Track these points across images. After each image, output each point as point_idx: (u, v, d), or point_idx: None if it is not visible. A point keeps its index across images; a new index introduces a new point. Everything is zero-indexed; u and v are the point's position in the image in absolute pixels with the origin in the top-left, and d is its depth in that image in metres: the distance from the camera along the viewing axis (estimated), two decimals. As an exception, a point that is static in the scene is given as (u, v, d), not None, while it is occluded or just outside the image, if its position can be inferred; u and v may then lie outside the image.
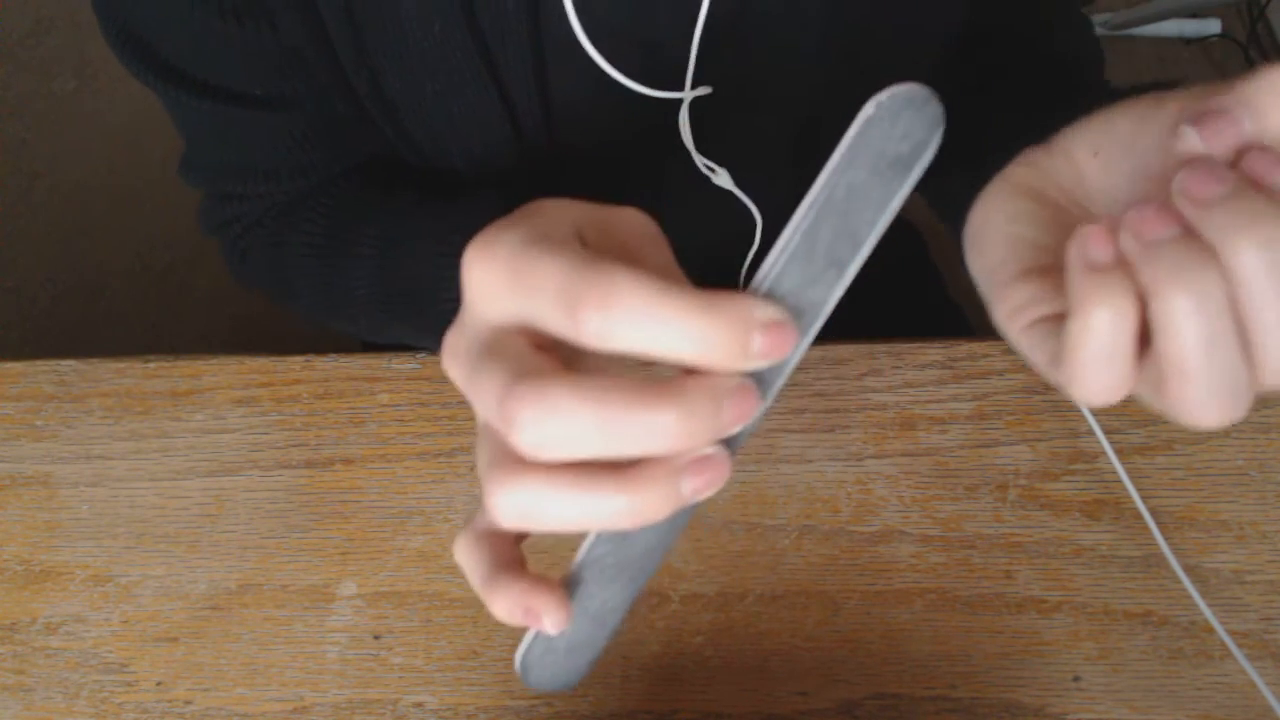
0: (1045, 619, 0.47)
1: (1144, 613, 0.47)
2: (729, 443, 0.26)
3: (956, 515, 0.49)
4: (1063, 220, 0.33)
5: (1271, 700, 0.45)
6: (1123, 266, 0.27)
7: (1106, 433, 0.50)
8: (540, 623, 0.28)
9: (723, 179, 0.51)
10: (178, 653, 0.48)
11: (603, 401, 0.24)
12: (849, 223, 0.25)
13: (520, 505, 0.26)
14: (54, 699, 0.47)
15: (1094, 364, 0.28)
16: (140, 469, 0.52)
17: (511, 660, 0.47)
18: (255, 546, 0.50)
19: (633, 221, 0.29)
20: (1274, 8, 1.56)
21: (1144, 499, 0.49)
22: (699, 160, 0.50)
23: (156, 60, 0.48)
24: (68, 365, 0.54)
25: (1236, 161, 0.27)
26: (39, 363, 0.55)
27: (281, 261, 0.55)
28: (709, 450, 0.25)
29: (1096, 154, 0.33)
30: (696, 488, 0.25)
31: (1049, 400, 0.52)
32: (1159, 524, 0.48)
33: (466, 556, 0.29)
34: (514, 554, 0.29)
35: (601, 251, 0.26)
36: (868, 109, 0.25)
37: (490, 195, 0.48)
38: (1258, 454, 0.50)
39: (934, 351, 0.53)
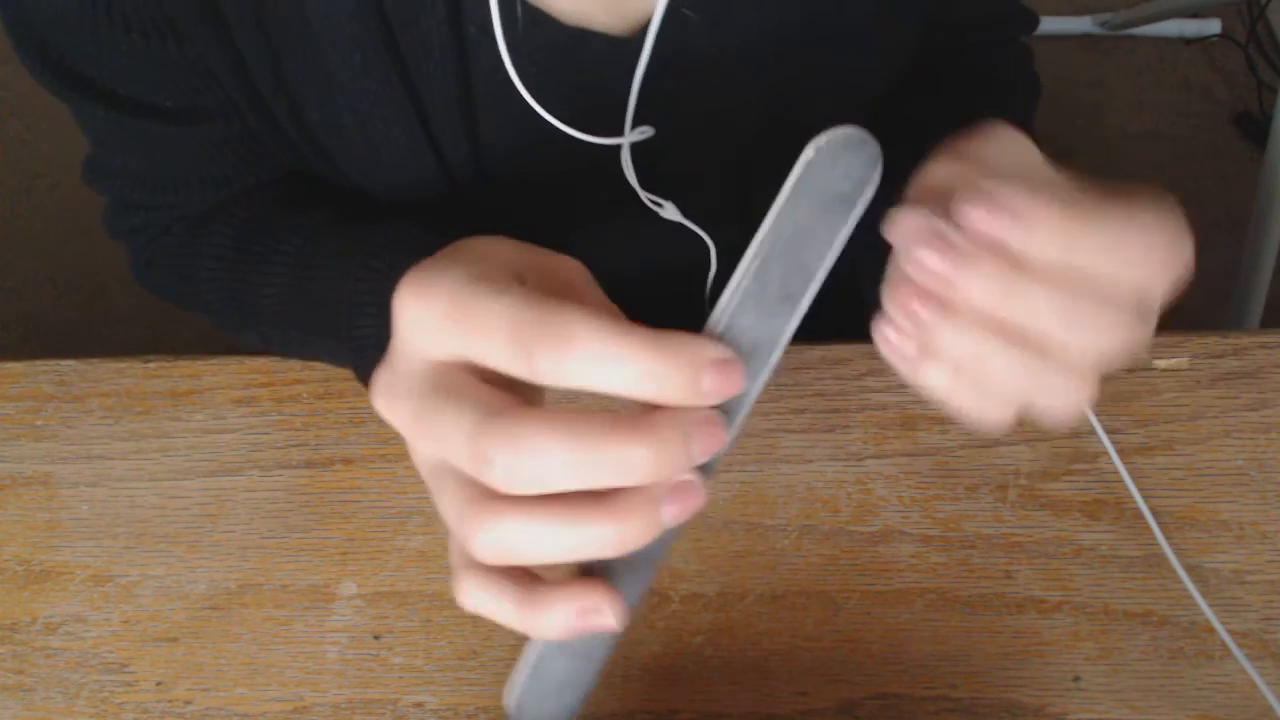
0: (1045, 619, 0.47)
1: (1144, 613, 0.47)
2: (702, 469, 0.26)
3: (956, 515, 0.49)
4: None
5: (1272, 700, 0.45)
6: (924, 341, 0.29)
7: (1107, 432, 0.50)
8: (604, 618, 0.27)
9: (670, 212, 0.51)
10: (178, 653, 0.48)
11: (576, 437, 0.24)
12: (799, 259, 0.27)
13: (501, 543, 0.26)
14: (54, 699, 0.47)
15: (961, 410, 0.30)
16: (140, 469, 0.52)
17: (511, 660, 0.47)
18: (255, 546, 0.50)
19: (569, 265, 0.30)
20: (1274, 8, 1.56)
21: (1144, 499, 0.49)
22: (645, 196, 0.50)
23: (61, 66, 0.46)
24: (68, 365, 0.54)
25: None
26: (39, 363, 0.54)
27: (189, 273, 0.53)
28: (684, 477, 0.26)
29: None
30: (675, 514, 0.26)
31: (1049, 400, 0.52)
32: (1159, 524, 0.48)
33: (484, 596, 0.28)
34: (523, 571, 0.29)
35: (544, 292, 0.27)
36: (807, 152, 0.26)
37: (413, 226, 0.45)
38: (1258, 454, 0.50)
39: (934, 351, 0.53)
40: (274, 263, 0.48)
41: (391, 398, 0.28)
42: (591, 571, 0.28)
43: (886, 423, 0.51)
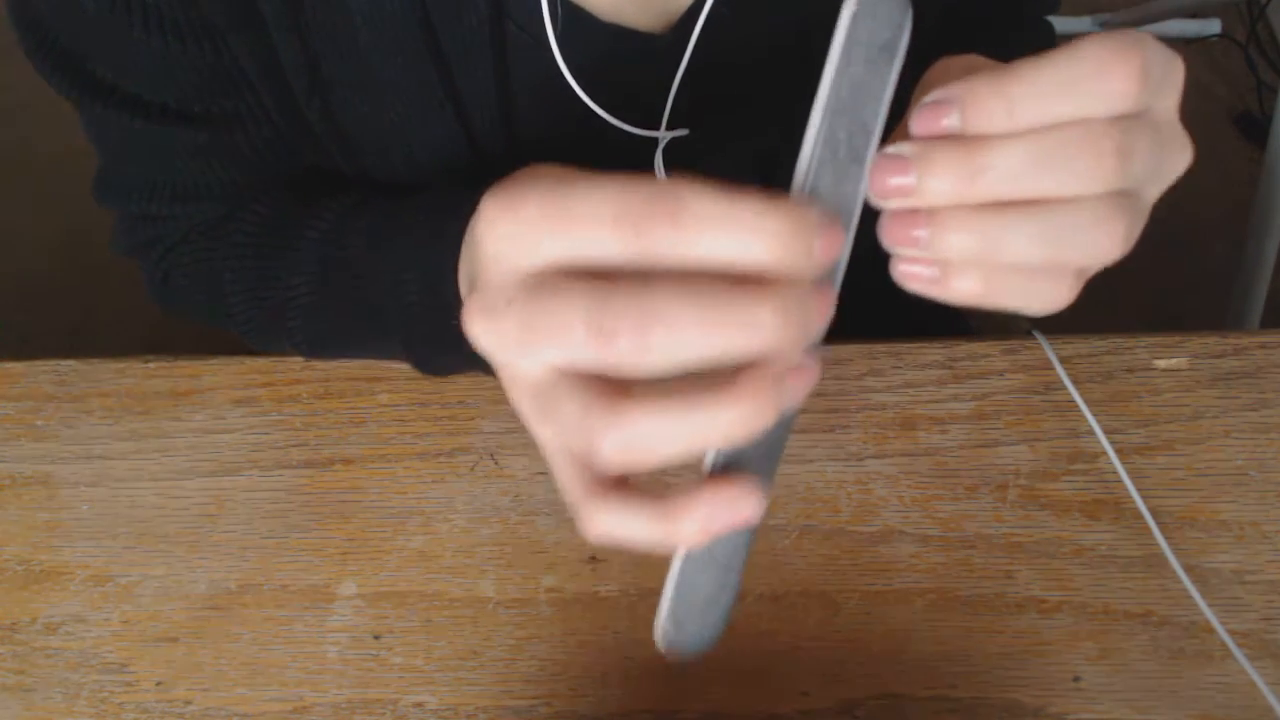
0: (1045, 619, 0.47)
1: (1144, 613, 0.47)
2: (810, 349, 0.26)
3: (956, 515, 0.49)
4: None
5: (1272, 700, 0.45)
6: (937, 258, 0.29)
7: (1106, 433, 0.50)
8: (746, 509, 0.26)
9: None
10: (178, 653, 0.48)
11: (705, 298, 0.24)
12: (859, 116, 0.27)
13: (633, 441, 0.25)
14: (54, 699, 0.47)
15: (1014, 303, 0.29)
16: (140, 469, 0.52)
17: (511, 660, 0.47)
18: (255, 546, 0.50)
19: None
20: (1274, 8, 1.56)
21: (1144, 499, 0.49)
22: None
23: (82, 73, 0.45)
24: (68, 365, 0.54)
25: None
26: (39, 363, 0.54)
27: (211, 278, 0.52)
28: (799, 358, 0.26)
29: None
30: (795, 390, 0.25)
31: (1049, 400, 0.52)
32: (1159, 524, 0.48)
33: (617, 518, 0.27)
34: (645, 487, 0.28)
35: None
36: (850, 6, 0.27)
37: (443, 192, 0.44)
38: (1258, 454, 0.50)
39: (934, 351, 0.53)
40: (302, 249, 0.48)
41: (491, 313, 0.26)
42: (718, 474, 0.28)
43: (886, 423, 0.51)
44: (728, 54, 0.46)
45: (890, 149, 0.28)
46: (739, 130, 0.51)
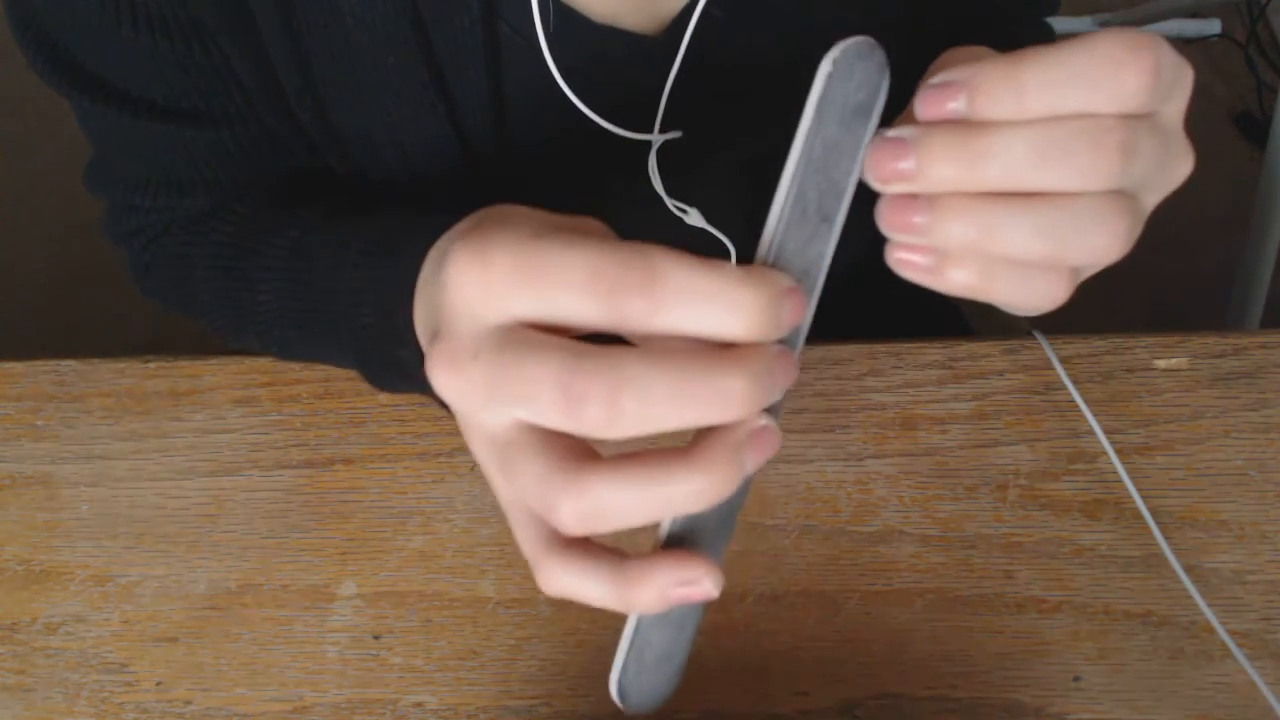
0: (1045, 619, 0.47)
1: (1144, 613, 0.47)
2: (770, 412, 0.26)
3: (956, 515, 0.49)
4: None
5: (1271, 700, 0.45)
6: (934, 247, 0.29)
7: (1106, 433, 0.50)
8: (703, 587, 0.27)
9: (695, 218, 0.51)
10: (178, 653, 0.48)
11: (677, 368, 0.24)
12: (830, 177, 0.27)
13: (592, 507, 0.25)
14: (54, 699, 0.47)
15: (1009, 297, 0.29)
16: (140, 469, 0.52)
17: (511, 660, 0.47)
18: (255, 546, 0.50)
19: (591, 223, 0.29)
20: (1274, 8, 1.56)
21: (1144, 499, 0.49)
22: (670, 204, 0.50)
23: (72, 67, 0.45)
24: (68, 365, 0.54)
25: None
26: (39, 363, 0.54)
27: (186, 274, 0.52)
28: (762, 421, 0.26)
29: None
30: (755, 458, 0.25)
31: (1049, 400, 0.52)
32: (1159, 524, 0.48)
33: (574, 578, 0.27)
34: (605, 548, 0.28)
35: None
36: (824, 67, 0.27)
37: (411, 214, 0.44)
38: (1258, 454, 0.50)
39: (934, 351, 0.53)
40: (271, 257, 0.48)
41: (456, 364, 0.26)
42: (674, 542, 0.28)
43: (886, 423, 0.51)
44: (721, 56, 0.46)
45: (891, 132, 0.27)
46: (732, 132, 0.51)
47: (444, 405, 0.29)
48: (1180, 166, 0.30)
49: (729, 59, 0.47)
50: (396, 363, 0.40)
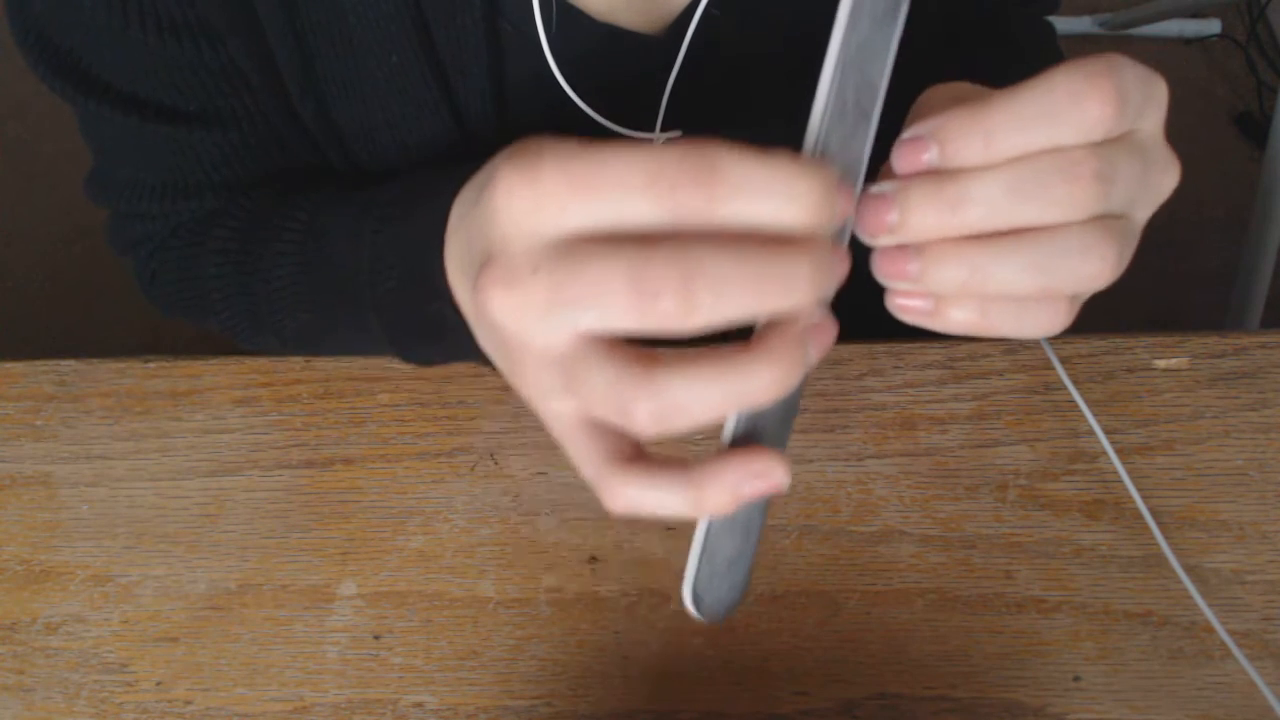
0: (1045, 619, 0.47)
1: (1144, 613, 0.47)
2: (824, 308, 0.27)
3: (956, 515, 0.49)
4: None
5: (1271, 700, 0.45)
6: (929, 291, 0.30)
7: (1106, 433, 0.50)
8: (774, 478, 0.27)
9: None
10: (178, 653, 0.48)
11: (749, 259, 0.24)
12: (865, 74, 0.28)
13: (668, 404, 0.25)
14: (54, 699, 0.47)
15: (1011, 329, 0.30)
16: (140, 469, 0.52)
17: (511, 660, 0.47)
18: (255, 546, 0.50)
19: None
20: (1274, 8, 1.56)
21: (1144, 499, 0.49)
22: None
23: (77, 71, 0.45)
24: (68, 365, 0.54)
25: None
26: (39, 363, 0.54)
27: (196, 274, 0.52)
28: (819, 315, 0.26)
29: None
30: (816, 348, 0.26)
31: (1049, 400, 0.52)
32: (1159, 524, 0.48)
33: (644, 489, 0.27)
34: (670, 458, 0.28)
35: None
36: None
37: (424, 175, 0.43)
38: (1258, 454, 0.50)
39: (934, 351, 0.53)
40: (282, 242, 0.47)
41: (513, 283, 0.25)
42: (739, 443, 0.28)
43: (886, 423, 0.51)
44: (721, 54, 0.46)
45: (874, 188, 0.28)
46: (733, 130, 0.51)
47: (483, 360, 0.29)
48: (1165, 179, 0.30)
49: (729, 57, 0.47)
50: (429, 323, 0.39)
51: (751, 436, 0.28)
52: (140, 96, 0.46)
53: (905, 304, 0.30)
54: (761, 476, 0.27)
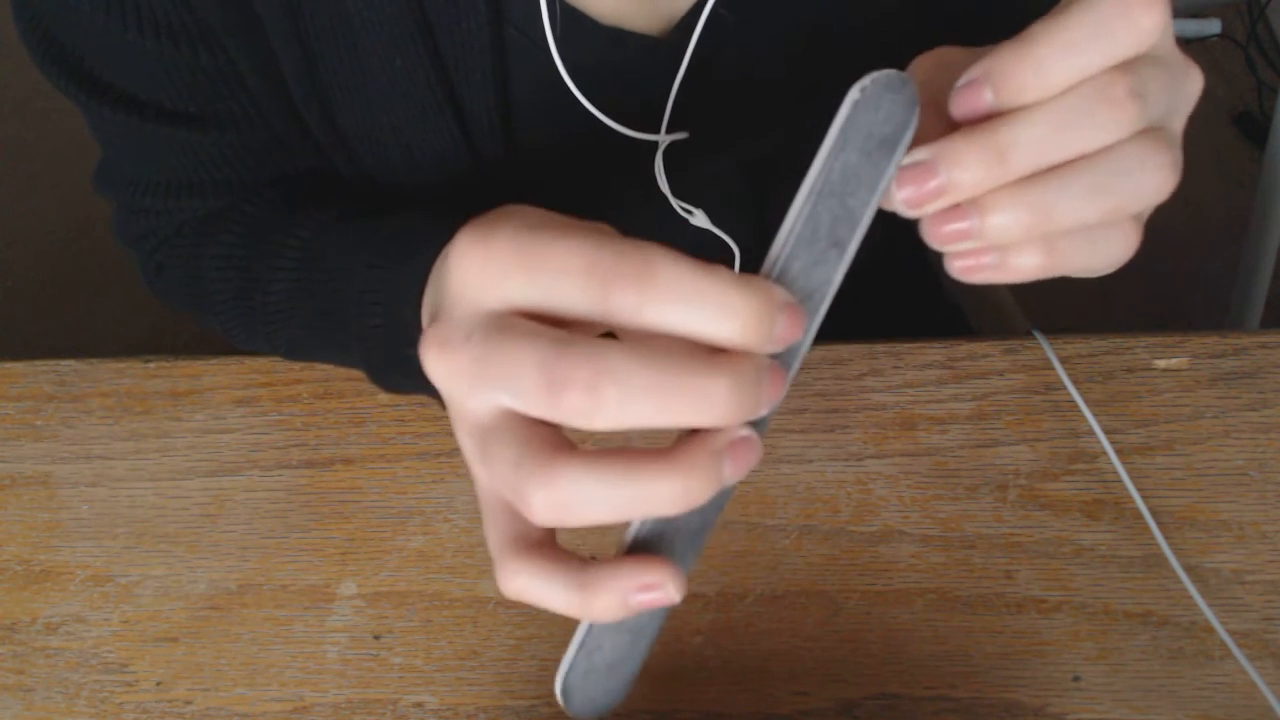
0: (1045, 619, 0.47)
1: (1144, 613, 0.47)
2: (755, 426, 0.26)
3: (956, 515, 0.49)
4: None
5: (1272, 700, 0.45)
6: (990, 245, 0.29)
7: (1106, 433, 0.50)
8: (666, 593, 0.26)
9: (700, 219, 0.51)
10: (178, 653, 0.48)
11: (661, 362, 0.24)
12: (846, 204, 0.27)
13: (563, 497, 0.24)
14: (54, 699, 0.47)
15: (1084, 265, 0.29)
16: (140, 469, 0.52)
17: (511, 660, 0.47)
18: (255, 546, 0.50)
19: (602, 227, 0.29)
20: (1274, 8, 1.56)
21: (1144, 499, 0.49)
22: (676, 204, 0.50)
23: (80, 71, 0.46)
24: (68, 365, 0.54)
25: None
26: (39, 363, 0.55)
27: (198, 274, 0.52)
28: (743, 432, 0.25)
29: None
30: (734, 468, 0.25)
31: (1049, 400, 0.52)
32: (1159, 524, 0.48)
33: (532, 580, 0.27)
34: (569, 553, 0.28)
35: None
36: (853, 94, 0.27)
37: (422, 217, 0.45)
38: (1258, 454, 0.50)
39: (934, 351, 0.53)
40: (282, 257, 0.48)
41: (447, 345, 0.26)
42: (639, 549, 0.27)
43: (886, 423, 0.51)
44: (726, 57, 0.46)
45: (907, 159, 0.28)
46: (738, 134, 0.51)
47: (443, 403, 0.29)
48: (1191, 83, 0.30)
49: (735, 60, 0.47)
50: (404, 362, 0.40)
51: (655, 544, 0.27)
52: (140, 98, 0.46)
53: (968, 264, 0.29)
54: (653, 589, 0.26)
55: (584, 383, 0.23)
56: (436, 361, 0.26)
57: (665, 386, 0.24)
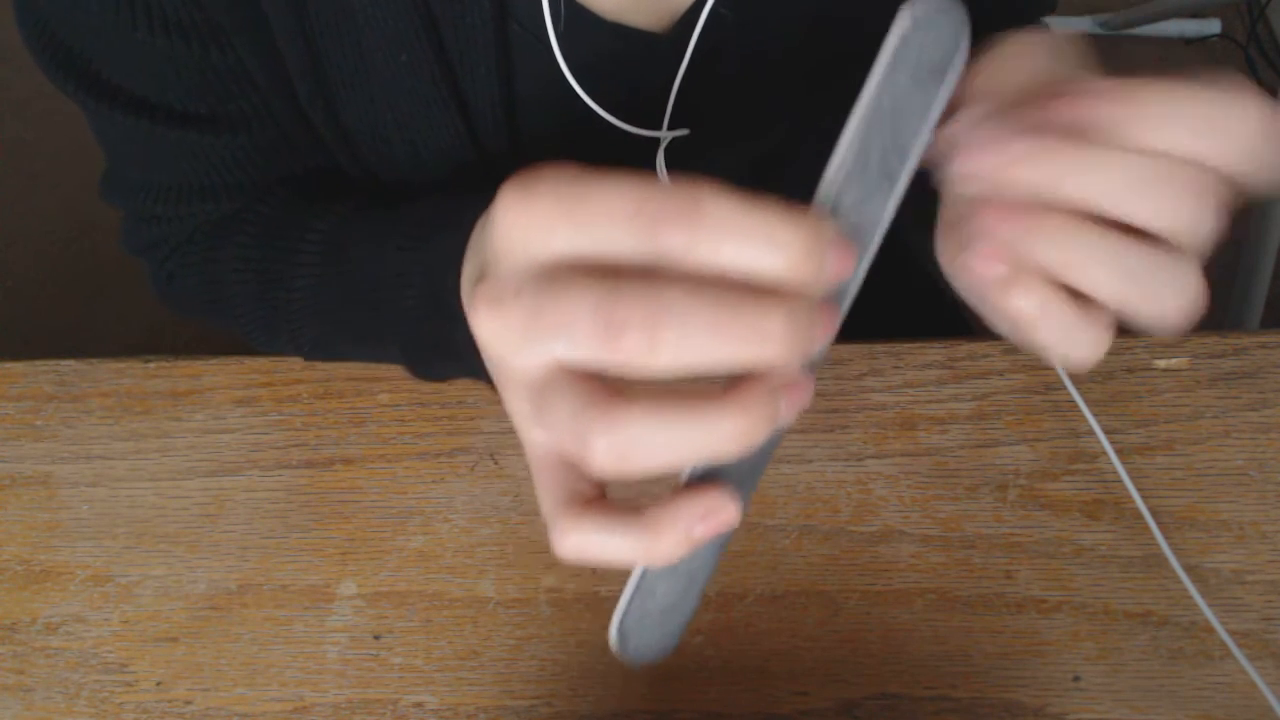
0: (1045, 619, 0.47)
1: (1144, 613, 0.47)
2: (809, 369, 0.26)
3: (956, 515, 0.49)
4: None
5: (1272, 700, 0.45)
6: (1015, 259, 0.28)
7: (1106, 433, 0.50)
8: (727, 517, 0.26)
9: None
10: (178, 653, 0.48)
11: (717, 298, 0.23)
12: (896, 135, 0.26)
13: (624, 444, 0.24)
14: (54, 699, 0.47)
15: (1054, 338, 0.29)
16: (140, 469, 0.52)
17: (511, 660, 0.47)
18: (255, 546, 0.50)
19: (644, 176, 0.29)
20: (1274, 8, 1.56)
21: (1144, 499, 0.49)
22: None
23: (87, 74, 0.45)
24: (68, 365, 0.54)
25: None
26: (39, 363, 0.55)
27: (216, 278, 0.52)
28: (796, 373, 0.25)
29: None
30: (790, 407, 0.25)
31: (1049, 400, 0.52)
32: (1159, 524, 0.48)
33: (592, 534, 0.26)
34: (623, 504, 0.27)
35: None
36: (903, 20, 0.26)
37: (447, 199, 0.45)
38: (1258, 454, 0.50)
39: (934, 351, 0.53)
40: (304, 251, 0.48)
41: (497, 304, 0.25)
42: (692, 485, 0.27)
43: (886, 423, 0.51)
44: (728, 53, 0.46)
45: (978, 133, 0.27)
46: (740, 130, 0.51)
47: (486, 379, 0.28)
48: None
49: (736, 56, 0.47)
50: (444, 342, 0.40)
51: (709, 481, 0.27)
52: (149, 100, 0.46)
53: (983, 260, 0.28)
54: (714, 513, 0.26)
55: (642, 322, 0.23)
56: (487, 320, 0.26)
57: (722, 323, 0.23)
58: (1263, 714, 0.45)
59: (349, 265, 0.46)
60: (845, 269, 0.25)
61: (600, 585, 0.48)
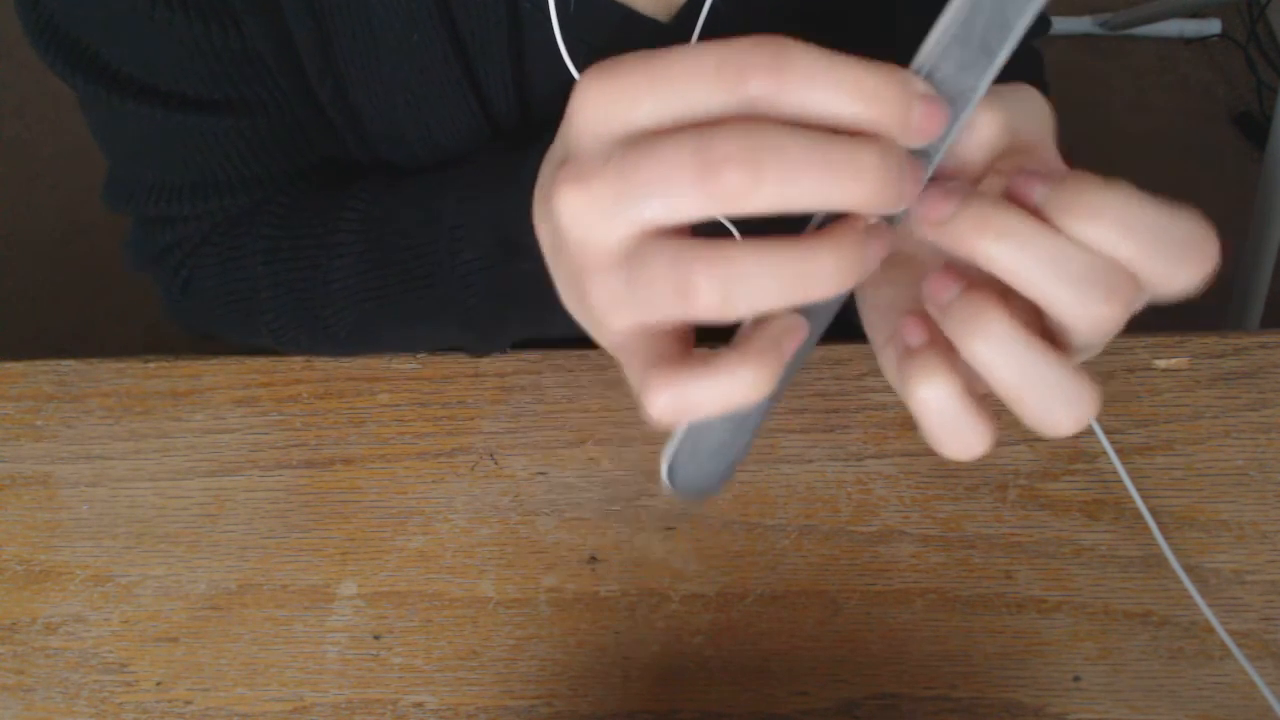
0: (1045, 619, 0.47)
1: (1144, 613, 0.47)
2: (889, 220, 0.27)
3: (956, 515, 0.49)
4: (919, 270, 0.33)
5: (1271, 700, 0.45)
6: (937, 343, 0.29)
7: (1106, 433, 0.50)
8: (802, 332, 0.27)
9: None
10: (178, 653, 0.48)
11: (814, 139, 0.24)
12: (1002, 11, 0.26)
13: (731, 282, 0.24)
14: (54, 699, 0.47)
15: (941, 430, 0.29)
16: (140, 469, 0.52)
17: (511, 660, 0.47)
18: (255, 546, 0.50)
19: None
20: (1274, 8, 1.56)
21: (1144, 499, 0.49)
22: None
23: (95, 63, 0.44)
24: (68, 365, 0.54)
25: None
26: (39, 363, 0.54)
27: (236, 274, 0.51)
28: (879, 221, 0.26)
29: None
30: (876, 251, 0.26)
31: (1049, 400, 0.52)
32: (1159, 524, 0.48)
33: (687, 383, 0.26)
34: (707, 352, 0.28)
35: None
36: None
37: (491, 155, 0.45)
38: (1258, 454, 0.50)
39: (934, 351, 0.53)
40: (341, 230, 0.47)
41: (584, 175, 0.25)
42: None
43: (886, 423, 0.51)
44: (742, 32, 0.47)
45: (949, 183, 0.28)
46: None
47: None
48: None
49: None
50: (513, 286, 0.39)
51: None
52: (163, 88, 0.45)
53: (905, 328, 0.29)
54: (791, 331, 0.26)
55: (742, 157, 0.23)
56: (574, 196, 0.25)
57: (820, 160, 0.23)
58: (1263, 714, 0.45)
59: (395, 238, 0.45)
60: (934, 126, 0.25)
61: (600, 585, 0.48)
